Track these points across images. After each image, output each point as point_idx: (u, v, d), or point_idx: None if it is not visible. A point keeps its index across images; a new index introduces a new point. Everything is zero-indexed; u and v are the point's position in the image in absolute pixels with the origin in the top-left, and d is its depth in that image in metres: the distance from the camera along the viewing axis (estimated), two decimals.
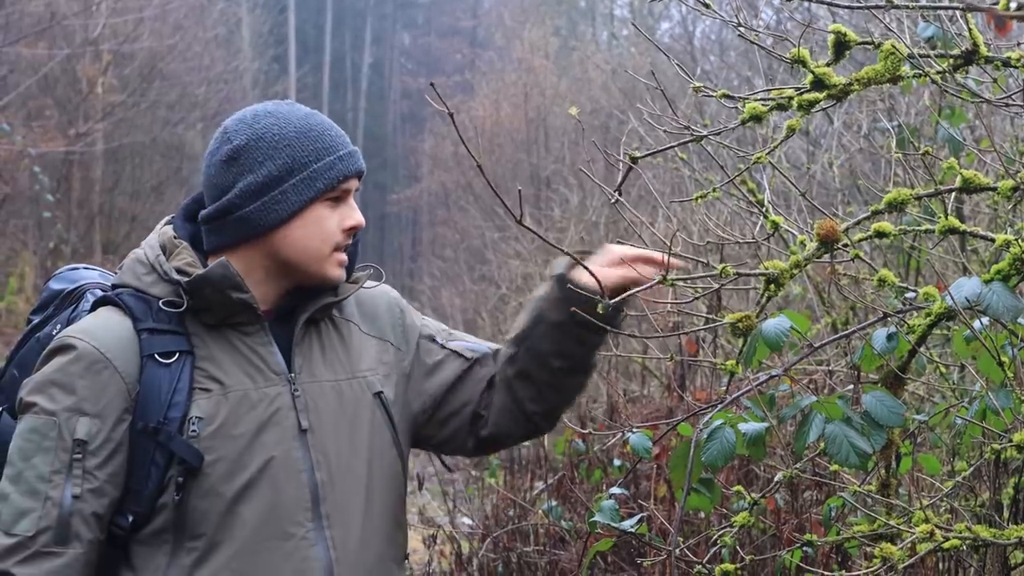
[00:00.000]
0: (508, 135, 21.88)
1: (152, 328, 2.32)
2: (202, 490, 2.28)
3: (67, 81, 19.87)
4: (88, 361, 2.28)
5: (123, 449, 2.28)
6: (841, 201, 7.03)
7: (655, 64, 12.26)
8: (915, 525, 2.77)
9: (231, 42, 29.44)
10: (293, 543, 2.32)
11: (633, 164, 2.68)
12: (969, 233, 2.87)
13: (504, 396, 2.61)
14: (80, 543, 2.24)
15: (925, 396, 4.24)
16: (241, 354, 2.36)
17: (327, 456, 2.38)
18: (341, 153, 2.40)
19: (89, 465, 2.25)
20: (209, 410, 2.30)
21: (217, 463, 2.28)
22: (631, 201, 9.70)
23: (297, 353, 2.42)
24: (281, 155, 2.35)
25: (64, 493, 2.23)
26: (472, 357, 2.65)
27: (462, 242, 20.97)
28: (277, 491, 2.32)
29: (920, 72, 2.65)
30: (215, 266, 2.33)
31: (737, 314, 2.64)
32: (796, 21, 7.60)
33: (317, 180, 2.36)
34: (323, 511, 2.36)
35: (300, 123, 2.39)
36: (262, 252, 2.39)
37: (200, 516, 2.28)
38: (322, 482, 2.37)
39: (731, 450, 2.81)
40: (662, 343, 7.49)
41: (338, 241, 2.41)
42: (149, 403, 2.28)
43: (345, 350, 2.50)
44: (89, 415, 2.26)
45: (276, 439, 2.34)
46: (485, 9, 45.88)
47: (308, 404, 2.39)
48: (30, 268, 18.41)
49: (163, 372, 2.29)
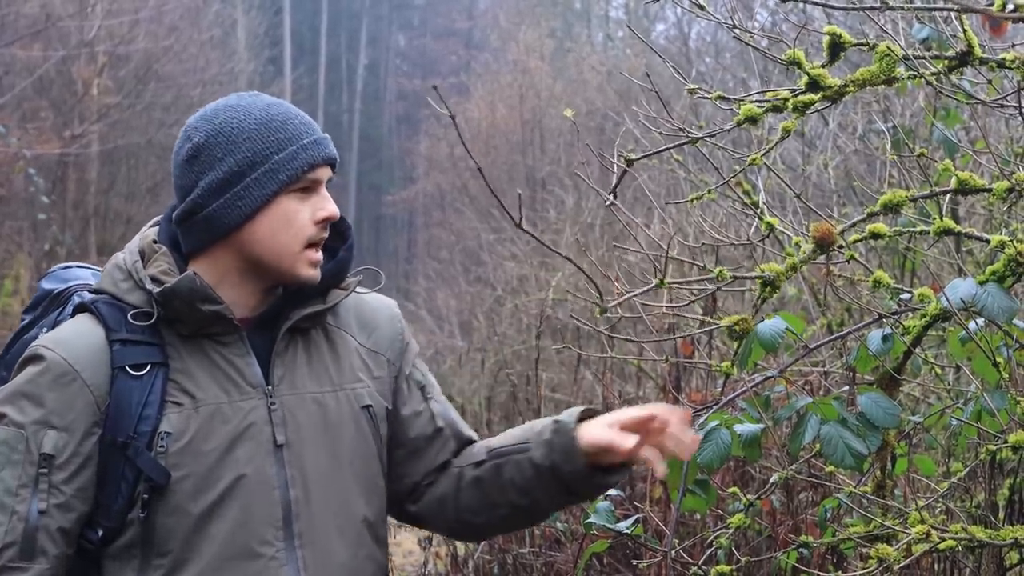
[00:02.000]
0: (504, 137, 21.88)
1: (125, 339, 2.24)
2: (169, 507, 2.21)
3: (62, 83, 19.84)
4: (56, 373, 2.21)
5: (92, 463, 2.21)
6: (836, 203, 7.03)
7: (650, 66, 12.25)
8: (911, 526, 2.78)
9: (227, 44, 29.41)
10: (261, 563, 2.23)
11: (628, 166, 2.68)
12: (964, 234, 2.88)
13: (449, 489, 2.47)
14: (46, 558, 2.18)
15: (920, 397, 4.25)
16: (216, 366, 2.27)
17: (304, 472, 2.29)
18: (305, 142, 2.28)
19: (56, 479, 2.19)
20: (179, 425, 2.21)
21: (184, 480, 2.20)
22: (626, 203, 9.69)
23: (278, 364, 2.32)
24: (241, 149, 2.25)
25: (30, 508, 2.17)
26: (441, 427, 2.50)
27: (458, 244, 20.94)
28: (246, 509, 2.23)
29: (915, 73, 2.65)
30: (183, 279, 2.24)
31: (734, 317, 2.65)
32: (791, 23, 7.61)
33: (279, 172, 2.25)
34: (296, 529, 2.27)
35: (261, 114, 2.28)
36: (232, 252, 2.29)
37: (167, 533, 2.21)
38: (296, 499, 2.27)
39: (727, 451, 2.81)
40: (658, 345, 7.49)
41: (310, 235, 2.29)
42: (120, 416, 2.20)
43: (335, 361, 2.40)
44: (56, 428, 2.19)
45: (248, 455, 2.25)
46: (481, 11, 45.88)
47: (286, 418, 2.29)
48: (25, 270, 18.37)
49: (134, 384, 2.22)
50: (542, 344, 8.27)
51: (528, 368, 9.14)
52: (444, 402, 2.55)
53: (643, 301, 3.08)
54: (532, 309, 11.37)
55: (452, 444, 2.50)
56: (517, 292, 12.93)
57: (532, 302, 11.67)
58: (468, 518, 2.45)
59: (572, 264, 2.42)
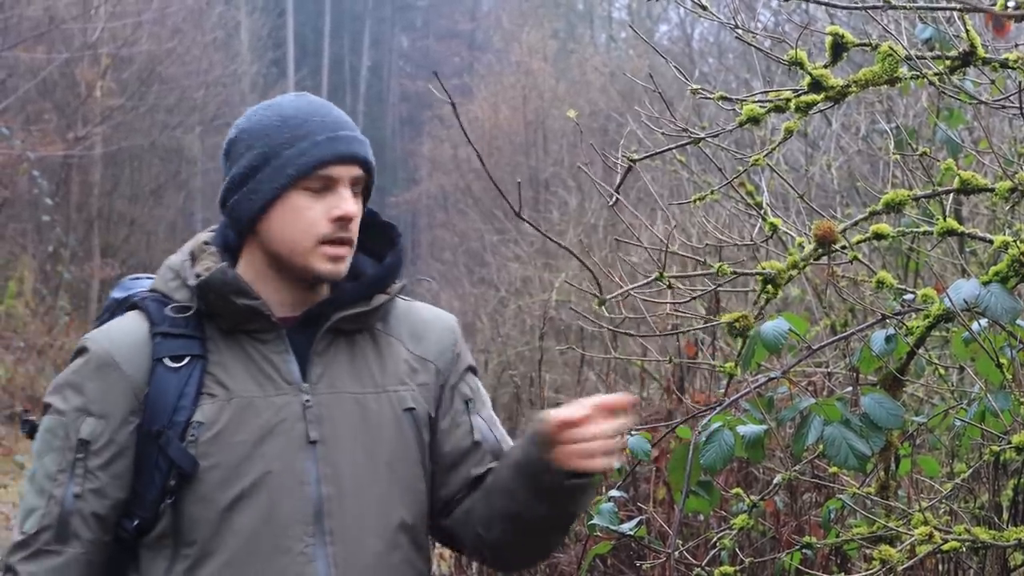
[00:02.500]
0: (507, 138, 21.91)
1: (166, 332, 2.29)
2: (196, 496, 2.23)
3: (66, 85, 19.88)
4: (97, 363, 2.28)
5: (128, 451, 2.26)
6: (840, 203, 7.03)
7: (653, 67, 12.25)
8: (914, 527, 2.77)
9: (230, 45, 29.45)
10: (289, 558, 2.24)
11: (632, 165, 2.68)
12: (967, 235, 2.87)
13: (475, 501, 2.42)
14: (79, 542, 2.23)
15: (924, 398, 4.24)
16: (253, 361, 2.30)
17: (338, 470, 2.28)
18: (319, 138, 2.28)
19: (91, 465, 2.24)
20: (211, 416, 2.24)
21: (212, 469, 2.23)
22: (630, 203, 9.68)
23: (317, 363, 2.33)
24: (259, 144, 2.29)
25: (66, 492, 2.23)
26: (478, 442, 2.44)
27: (461, 245, 20.96)
28: (274, 503, 2.24)
29: (918, 74, 2.65)
30: (214, 271, 2.28)
31: (734, 313, 2.64)
32: (794, 23, 7.60)
33: (287, 167, 2.26)
34: (327, 526, 2.26)
35: (287, 111, 2.31)
36: (260, 248, 2.33)
37: (193, 523, 2.23)
38: (328, 496, 2.27)
39: (729, 452, 2.81)
40: (662, 346, 7.49)
41: (322, 232, 2.28)
42: (157, 406, 2.25)
43: (380, 365, 2.39)
44: (94, 416, 2.25)
45: (278, 450, 2.26)
46: (483, 12, 45.89)
47: (322, 415, 2.30)
48: (29, 272, 18.39)
49: (172, 376, 2.26)
50: (545, 345, 8.26)
51: (532, 369, 9.14)
52: (491, 419, 2.50)
53: (646, 298, 3.08)
54: (535, 310, 11.38)
55: (488, 460, 2.44)
56: (520, 293, 12.94)
57: (535, 303, 11.68)
58: (482, 532, 2.40)
59: (575, 261, 2.41)
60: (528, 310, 11.91)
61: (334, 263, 2.32)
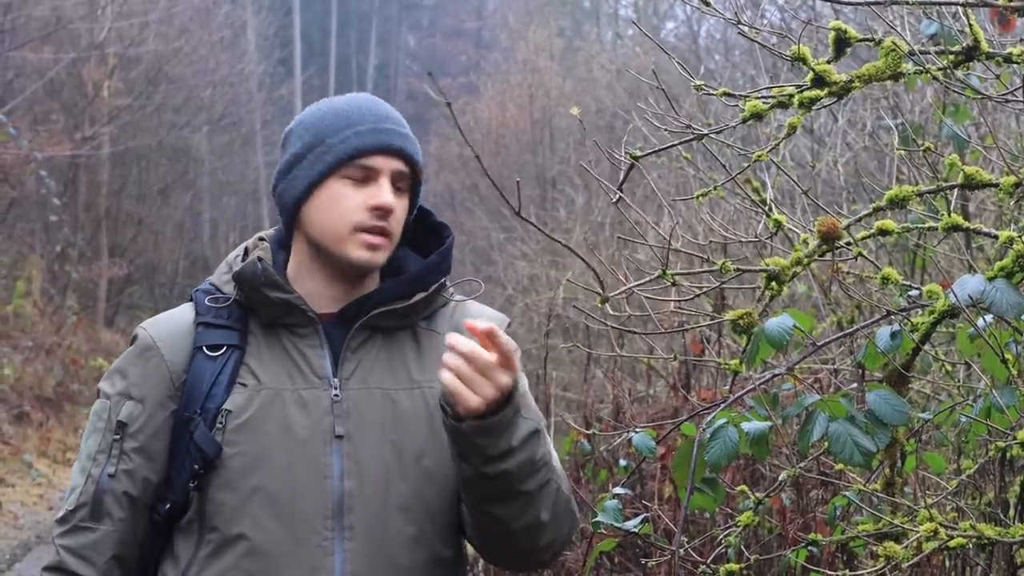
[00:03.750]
0: (513, 136, 21.92)
1: (209, 322, 2.36)
2: (220, 482, 2.27)
3: (73, 85, 19.92)
4: (141, 348, 2.37)
5: (163, 435, 2.32)
6: (846, 199, 7.02)
7: (659, 64, 12.25)
8: (920, 524, 2.77)
9: (236, 45, 29.50)
10: (306, 550, 2.25)
11: (635, 162, 2.68)
12: (973, 230, 2.86)
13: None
14: (111, 520, 2.30)
15: (930, 394, 4.23)
16: (287, 354, 2.34)
17: (362, 465, 2.29)
18: (360, 128, 2.33)
19: (127, 447, 2.32)
20: (240, 404, 2.29)
21: (236, 457, 2.27)
22: (636, 201, 9.69)
23: (350, 358, 2.35)
24: (308, 133, 2.36)
25: (102, 472, 2.31)
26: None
27: (468, 243, 20.97)
28: (295, 494, 2.26)
29: (922, 69, 2.64)
30: (247, 263, 2.35)
31: (738, 311, 2.64)
32: (800, 20, 7.59)
33: (328, 153, 2.32)
34: (347, 522, 2.27)
35: (340, 104, 2.39)
36: (303, 238, 2.38)
37: (216, 508, 2.27)
38: (350, 491, 2.28)
39: (734, 449, 2.80)
40: (668, 344, 7.48)
41: (358, 220, 2.31)
42: (192, 393, 2.31)
43: (419, 361, 2.39)
44: (134, 399, 2.33)
45: (303, 442, 2.28)
46: (490, 10, 45.92)
47: (349, 410, 2.31)
48: (37, 271, 18.43)
49: (208, 364, 2.32)
50: (552, 343, 8.26)
51: (538, 367, 9.13)
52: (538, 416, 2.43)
53: (652, 296, 3.08)
54: (543, 308, 11.38)
55: None
56: (528, 291, 12.96)
57: (542, 301, 11.68)
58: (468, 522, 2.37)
59: (579, 258, 2.41)
60: (535, 308, 11.92)
61: (371, 251, 2.34)
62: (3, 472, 12.69)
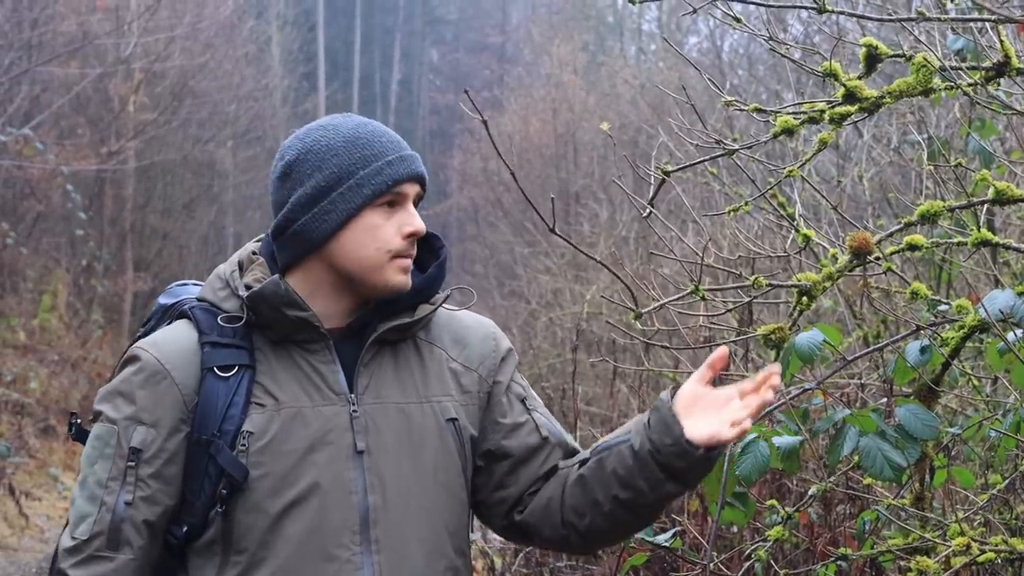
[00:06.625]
0: (537, 150, 21.91)
1: (215, 342, 2.34)
2: (247, 505, 2.28)
3: (99, 100, 20.01)
4: (148, 372, 2.33)
5: (178, 459, 2.31)
6: (871, 215, 7.01)
7: (683, 79, 12.26)
8: (950, 538, 2.77)
9: (261, 60, 29.61)
10: (336, 566, 2.28)
11: (666, 177, 2.69)
12: (1001, 245, 2.87)
13: (554, 492, 2.46)
14: (131, 549, 2.28)
15: (958, 409, 4.23)
16: (302, 371, 2.35)
17: (383, 479, 2.33)
18: (390, 158, 2.36)
19: (143, 473, 2.29)
20: (261, 425, 2.29)
21: (263, 479, 2.28)
22: (661, 216, 9.70)
23: (363, 373, 2.38)
24: (328, 165, 2.34)
25: (118, 499, 2.28)
26: (546, 437, 2.51)
27: (491, 258, 20.99)
28: (323, 511, 2.29)
29: (952, 84, 2.65)
30: (268, 283, 2.33)
31: (770, 325, 2.65)
32: (825, 34, 7.59)
33: (364, 186, 2.33)
34: (373, 535, 2.31)
35: (349, 132, 2.38)
36: (324, 266, 2.37)
37: (244, 531, 2.28)
38: (375, 505, 2.32)
39: (765, 464, 2.81)
40: (694, 358, 7.48)
41: (396, 248, 2.35)
42: (206, 415, 2.30)
43: (423, 373, 2.44)
44: (145, 424, 2.30)
45: (327, 459, 2.31)
46: (513, 25, 45.99)
47: (368, 425, 2.35)
48: (63, 286, 18.51)
49: (221, 385, 2.31)
50: (577, 357, 8.27)
51: (564, 382, 9.15)
52: (548, 416, 2.57)
53: (679, 310, 3.09)
54: (567, 323, 11.38)
55: (559, 452, 2.51)
56: (552, 306, 12.94)
57: (567, 316, 11.68)
58: (573, 520, 2.43)
59: (607, 273, 2.41)
60: (559, 322, 11.91)
61: (405, 275, 2.39)
62: (29, 485, 12.74)
